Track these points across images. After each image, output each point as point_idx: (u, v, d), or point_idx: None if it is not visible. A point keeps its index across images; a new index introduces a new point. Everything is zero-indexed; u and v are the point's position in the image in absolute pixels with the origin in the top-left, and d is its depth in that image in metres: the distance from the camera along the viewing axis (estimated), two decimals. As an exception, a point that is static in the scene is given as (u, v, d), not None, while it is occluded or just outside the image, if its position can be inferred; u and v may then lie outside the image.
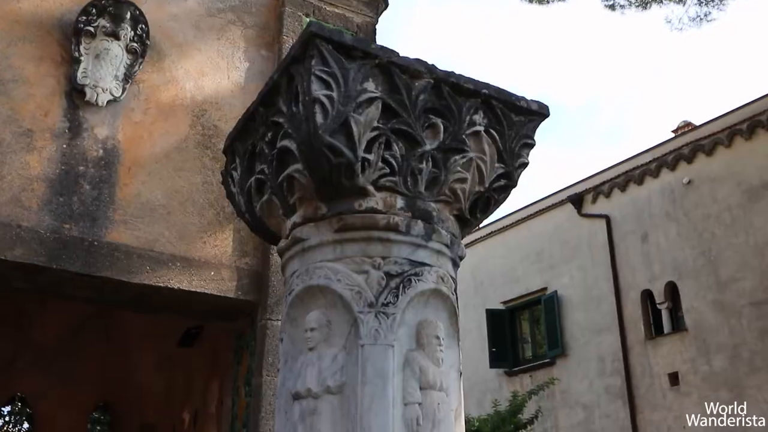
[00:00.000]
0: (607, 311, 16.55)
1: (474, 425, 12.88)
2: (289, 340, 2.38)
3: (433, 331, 2.29)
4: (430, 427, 2.16)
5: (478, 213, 2.57)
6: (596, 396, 16.83)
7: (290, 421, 2.25)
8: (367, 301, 2.25)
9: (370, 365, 2.17)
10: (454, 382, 2.32)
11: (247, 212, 2.66)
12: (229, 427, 6.96)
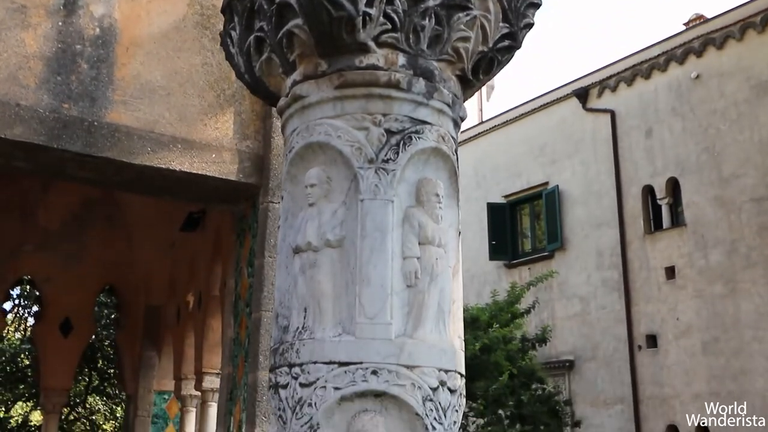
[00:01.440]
0: (607, 206, 16.65)
1: (472, 314, 13.17)
2: (290, 197, 2.39)
3: (433, 189, 2.30)
4: (428, 280, 2.20)
5: (480, 74, 2.53)
6: (593, 288, 17.17)
7: (291, 274, 2.29)
8: (367, 157, 2.25)
9: (370, 219, 2.18)
10: (453, 240, 2.34)
11: (246, 73, 2.62)
12: (232, 307, 7.13)
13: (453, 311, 2.25)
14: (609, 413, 17.13)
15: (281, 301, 2.31)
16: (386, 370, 2.06)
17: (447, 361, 2.17)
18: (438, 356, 2.15)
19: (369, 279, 2.13)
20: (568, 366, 17.58)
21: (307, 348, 2.13)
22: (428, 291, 2.18)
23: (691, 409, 15.86)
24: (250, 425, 6.23)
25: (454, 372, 2.19)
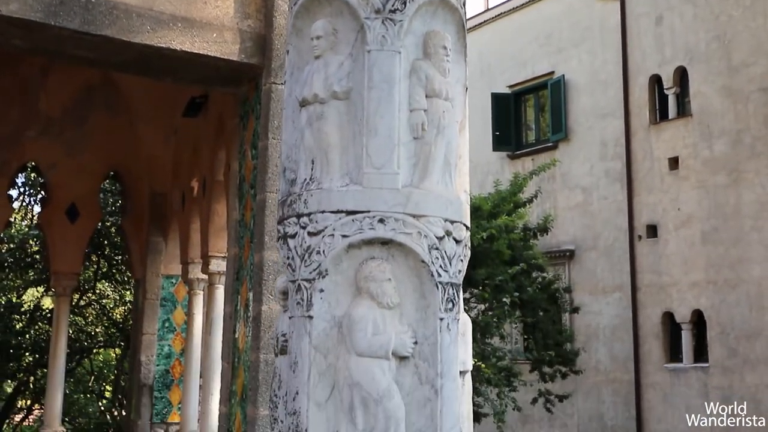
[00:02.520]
0: (613, 96, 16.47)
1: (474, 203, 13.25)
2: (295, 51, 2.35)
3: (441, 41, 2.26)
4: (435, 133, 2.20)
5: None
6: (596, 179, 17.21)
7: (297, 128, 2.29)
8: (374, 8, 2.20)
9: (377, 70, 2.16)
10: (460, 96, 2.32)
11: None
12: (237, 190, 7.18)
13: (459, 166, 2.26)
14: (607, 301, 17.52)
15: (288, 155, 2.32)
16: (393, 219, 2.08)
17: (453, 212, 2.19)
18: (444, 207, 2.17)
19: (376, 129, 2.13)
20: (569, 255, 17.85)
21: (315, 198, 2.15)
22: (435, 143, 2.18)
23: (687, 297, 16.22)
24: (256, 303, 6.38)
25: (459, 223, 2.21)
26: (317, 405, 1.97)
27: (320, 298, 2.07)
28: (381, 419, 1.92)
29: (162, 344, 10.43)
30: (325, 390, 1.98)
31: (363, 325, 2.00)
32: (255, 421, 6.10)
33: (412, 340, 2.05)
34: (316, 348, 2.03)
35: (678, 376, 16.61)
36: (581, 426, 18.20)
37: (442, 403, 1.98)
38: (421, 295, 2.10)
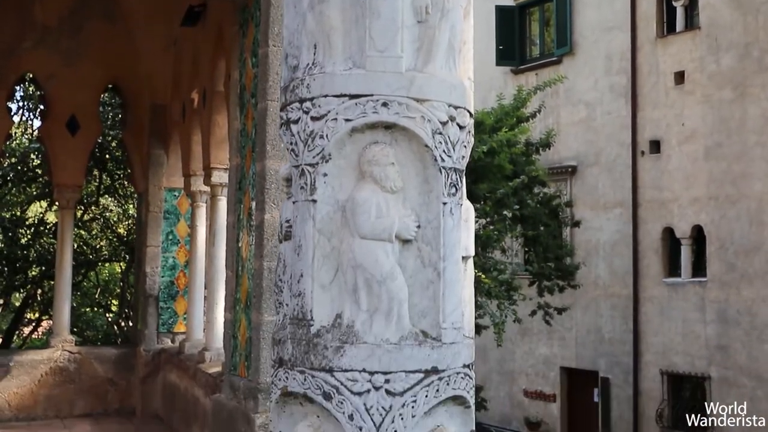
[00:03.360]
0: (620, 8, 16.12)
1: (477, 118, 13.15)
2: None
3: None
4: (439, 16, 2.15)
5: None
6: (600, 94, 17.03)
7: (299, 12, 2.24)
8: None
9: (380, -49, 2.10)
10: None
11: None
12: (237, 99, 7.12)
13: (463, 52, 2.22)
14: (608, 216, 17.61)
15: (290, 41, 2.28)
16: (396, 102, 2.06)
17: (456, 97, 2.17)
18: (448, 91, 2.14)
19: (379, 12, 2.08)
20: (571, 171, 17.84)
21: (318, 82, 2.13)
22: (439, 27, 2.14)
23: (688, 212, 16.29)
24: (259, 212, 6.41)
25: (463, 109, 2.20)
26: (321, 287, 2.00)
27: (324, 183, 2.07)
28: (384, 300, 1.95)
29: (166, 256, 10.54)
30: (329, 272, 2.01)
31: (366, 208, 2.01)
32: (260, 327, 6.22)
33: (415, 224, 2.06)
34: (320, 231, 2.04)
35: (676, 290, 16.85)
36: (579, 339, 18.59)
37: (445, 285, 2.01)
38: (424, 180, 2.10)
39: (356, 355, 1.90)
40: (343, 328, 1.95)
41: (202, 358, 8.58)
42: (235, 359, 6.75)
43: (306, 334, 1.97)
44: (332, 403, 1.87)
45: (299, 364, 1.96)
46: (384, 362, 1.89)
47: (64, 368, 9.95)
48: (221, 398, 6.88)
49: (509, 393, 20.01)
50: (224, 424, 6.66)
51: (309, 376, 1.95)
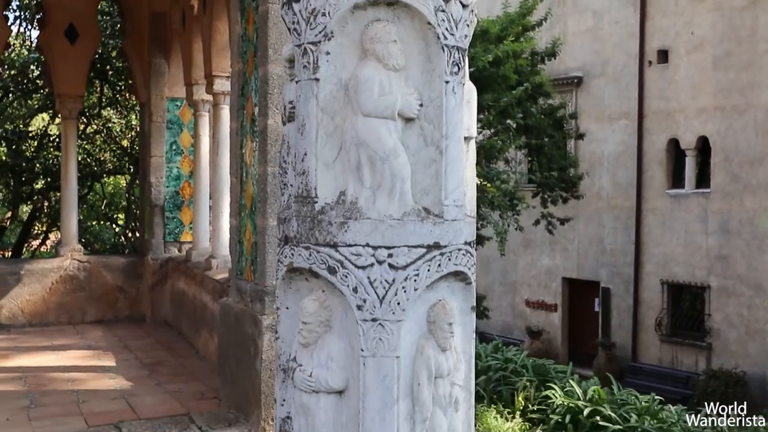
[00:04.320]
0: None
1: (482, 26, 12.92)
2: None
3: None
4: None
5: None
6: (608, 2, 16.65)
7: None
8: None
9: None
10: None
11: None
12: (238, 3, 6.98)
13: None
14: (613, 128, 17.52)
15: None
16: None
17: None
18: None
19: None
20: (576, 82, 17.64)
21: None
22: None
23: (694, 123, 16.18)
24: (262, 117, 6.38)
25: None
26: (325, 165, 2.02)
27: (326, 61, 2.06)
28: (387, 177, 1.97)
29: (170, 167, 10.57)
30: (332, 151, 2.02)
31: (369, 85, 2.01)
32: (265, 231, 6.28)
33: (418, 102, 2.06)
34: (323, 110, 2.04)
35: (679, 201, 16.92)
36: (581, 250, 18.79)
37: (447, 163, 2.02)
38: (427, 58, 2.08)
39: (360, 230, 1.93)
40: (346, 204, 1.98)
41: (209, 266, 8.71)
42: (242, 264, 6.86)
43: (310, 211, 2.00)
44: (337, 277, 1.92)
45: (304, 240, 2.00)
46: (387, 237, 1.93)
47: (74, 276, 10.13)
48: (229, 302, 7.02)
49: (511, 303, 20.38)
50: (232, 326, 6.82)
51: (314, 252, 1.99)
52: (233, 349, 6.76)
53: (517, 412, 7.73)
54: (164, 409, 6.74)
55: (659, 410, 7.51)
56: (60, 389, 7.36)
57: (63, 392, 7.26)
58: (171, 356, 8.72)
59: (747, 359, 15.65)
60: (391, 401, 1.87)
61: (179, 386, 7.50)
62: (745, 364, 15.60)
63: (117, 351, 8.89)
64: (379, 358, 1.87)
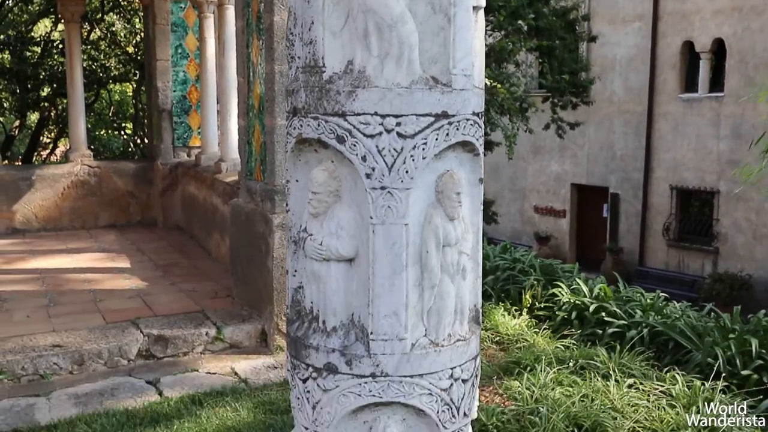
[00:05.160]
0: None
1: None
2: None
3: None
4: None
5: None
6: None
7: None
8: None
9: None
10: None
11: None
12: None
13: None
14: (626, 30, 17.14)
15: None
16: None
17: None
18: None
19: None
20: (590, -18, 17.16)
21: None
22: None
23: (710, 25, 15.80)
24: (268, 14, 6.27)
25: None
26: (332, 33, 1.99)
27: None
28: (395, 44, 1.94)
29: (176, 71, 10.47)
30: (339, 19, 1.98)
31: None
32: (273, 131, 6.28)
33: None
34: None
35: (691, 105, 16.71)
36: (591, 156, 18.72)
37: (455, 32, 1.99)
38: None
39: (368, 98, 1.93)
40: (354, 73, 1.96)
41: (219, 169, 8.75)
42: (251, 165, 6.88)
43: (318, 81, 1.99)
44: (345, 146, 1.92)
45: (313, 110, 1.99)
46: (395, 105, 1.92)
47: (85, 182, 10.20)
48: (239, 202, 7.08)
49: (520, 209, 20.48)
50: (243, 226, 6.90)
51: (323, 122, 1.98)
52: (244, 249, 6.86)
53: (524, 310, 7.87)
54: (179, 306, 6.92)
55: (664, 306, 7.62)
56: (77, 289, 7.54)
57: (80, 292, 7.44)
58: (184, 258, 8.87)
59: (753, 263, 15.78)
60: (400, 267, 1.91)
61: (193, 286, 7.67)
62: (751, 267, 15.75)
63: (131, 254, 9.05)
64: (388, 225, 1.90)
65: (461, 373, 2.05)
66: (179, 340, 6.21)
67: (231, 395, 5.52)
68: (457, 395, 2.04)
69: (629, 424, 4.91)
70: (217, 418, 5.12)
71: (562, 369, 5.99)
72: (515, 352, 6.70)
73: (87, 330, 6.19)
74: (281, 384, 5.76)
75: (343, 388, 1.98)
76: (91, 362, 5.85)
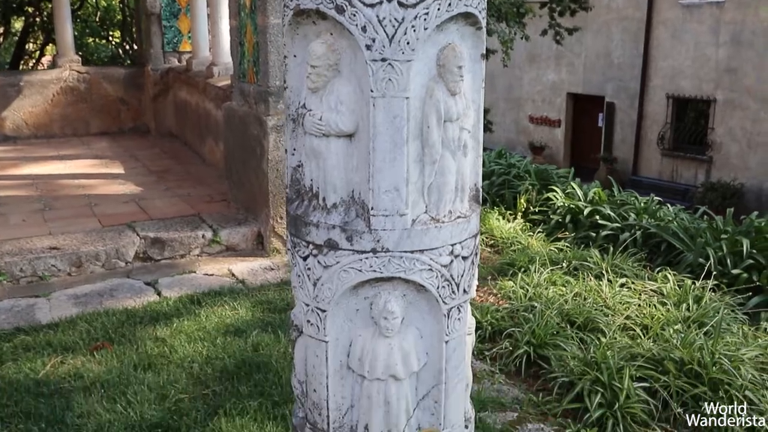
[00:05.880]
0: None
1: None
2: None
3: None
4: None
5: None
6: None
7: None
8: None
9: None
10: None
11: None
12: None
13: None
14: (627, -68, 16.63)
15: None
16: None
17: None
18: None
19: None
20: None
21: None
22: None
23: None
24: None
25: None
26: None
27: None
28: None
29: (164, -28, 10.17)
30: None
31: None
32: (266, 30, 6.13)
33: None
34: None
35: (691, 12, 16.40)
36: (587, 64, 18.48)
37: None
38: None
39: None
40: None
41: (210, 73, 8.60)
42: (244, 66, 6.75)
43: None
44: (345, 16, 1.85)
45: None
46: (396, -27, 1.85)
47: (75, 88, 10.04)
48: (232, 105, 6.99)
49: (515, 119, 20.36)
50: (237, 129, 6.83)
51: None
52: (239, 152, 6.81)
53: (518, 214, 7.92)
54: (175, 210, 6.93)
55: (657, 210, 7.68)
56: (71, 194, 7.53)
57: (74, 197, 7.43)
58: (177, 164, 8.83)
59: (746, 172, 15.83)
60: (402, 142, 1.88)
61: (187, 191, 7.66)
62: (744, 176, 15.80)
63: (124, 160, 9.00)
64: (389, 98, 1.86)
65: (461, 250, 2.06)
66: (176, 243, 6.24)
67: (229, 295, 5.59)
68: (457, 272, 2.05)
69: (620, 320, 5.01)
70: (216, 317, 5.20)
71: (556, 270, 6.08)
72: (510, 254, 6.78)
73: (83, 233, 6.21)
74: (279, 285, 5.83)
75: (344, 264, 1.98)
76: (89, 264, 5.89)
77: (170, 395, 4.12)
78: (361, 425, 2.13)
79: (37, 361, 4.48)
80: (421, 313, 2.07)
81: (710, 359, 4.27)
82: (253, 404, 4.02)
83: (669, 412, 4.13)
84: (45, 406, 3.98)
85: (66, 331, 4.88)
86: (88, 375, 4.31)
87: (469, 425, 2.24)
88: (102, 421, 3.84)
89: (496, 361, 4.85)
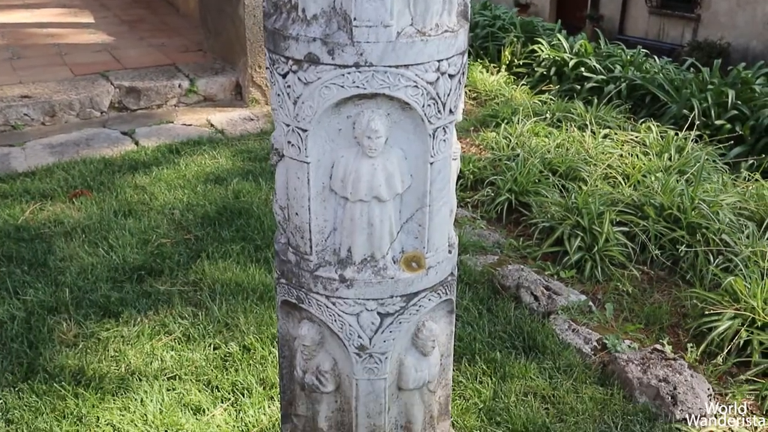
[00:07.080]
0: None
1: None
2: None
3: None
4: None
5: None
6: None
7: None
8: None
9: None
10: None
11: None
12: None
13: None
14: None
15: None
16: None
17: None
18: None
19: None
20: None
21: None
22: None
23: None
24: None
25: None
26: None
27: None
28: None
29: None
30: None
31: None
32: None
33: None
34: None
35: None
36: None
37: None
38: None
39: None
40: None
41: None
42: None
43: None
44: None
45: None
46: None
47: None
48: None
49: None
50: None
51: None
52: (214, -2, 6.53)
53: (502, 67, 7.76)
54: (149, 60, 6.71)
55: (644, 62, 7.55)
56: (40, 43, 7.25)
57: (44, 46, 7.15)
58: (151, 14, 8.49)
59: (734, 30, 15.54)
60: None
61: (162, 41, 7.40)
62: (731, 35, 15.53)
63: (94, 9, 8.63)
64: None
65: (448, 67, 1.97)
66: (152, 92, 6.08)
67: (208, 144, 5.51)
68: (443, 90, 1.97)
69: (602, 169, 5.02)
70: (195, 165, 5.14)
71: (539, 121, 6.02)
72: (493, 106, 6.69)
73: (55, 82, 6.02)
74: (259, 134, 5.74)
75: (325, 79, 1.89)
76: (63, 113, 5.75)
77: (152, 240, 4.12)
78: (344, 248, 2.11)
79: (16, 207, 4.44)
80: (406, 133, 2.01)
81: (690, 204, 4.31)
82: (236, 248, 4.04)
83: (647, 255, 4.21)
84: (26, 250, 3.97)
85: (43, 179, 4.82)
86: (68, 221, 4.29)
87: (453, 250, 2.23)
88: (84, 264, 3.85)
89: (477, 209, 4.87)
